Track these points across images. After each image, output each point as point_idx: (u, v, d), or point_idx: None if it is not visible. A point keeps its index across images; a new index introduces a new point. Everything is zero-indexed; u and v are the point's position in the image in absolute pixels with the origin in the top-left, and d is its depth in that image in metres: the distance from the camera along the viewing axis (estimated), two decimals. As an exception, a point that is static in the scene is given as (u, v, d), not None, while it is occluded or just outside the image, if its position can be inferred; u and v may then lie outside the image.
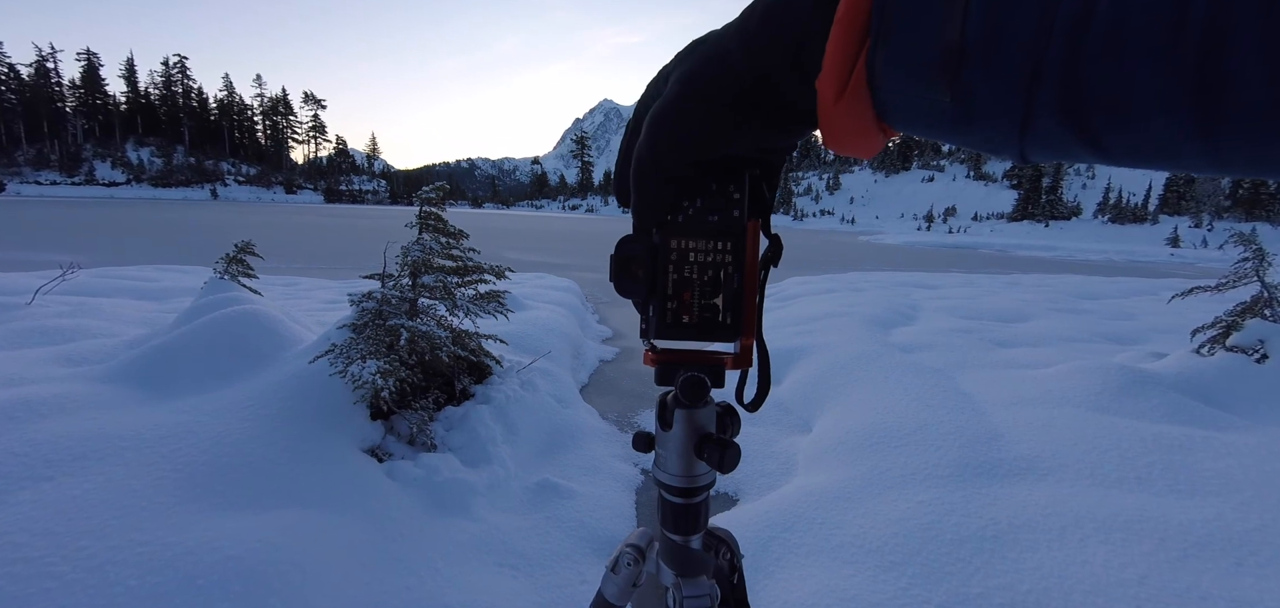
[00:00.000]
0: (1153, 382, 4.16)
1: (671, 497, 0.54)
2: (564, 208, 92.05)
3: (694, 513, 0.55)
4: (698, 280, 0.45)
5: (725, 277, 0.45)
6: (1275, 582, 2.20)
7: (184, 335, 3.45)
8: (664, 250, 0.45)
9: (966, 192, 62.52)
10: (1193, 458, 3.12)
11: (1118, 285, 12.59)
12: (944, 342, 6.10)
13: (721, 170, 0.43)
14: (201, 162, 72.91)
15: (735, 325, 0.45)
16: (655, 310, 0.45)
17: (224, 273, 4.78)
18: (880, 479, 3.04)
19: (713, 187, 0.44)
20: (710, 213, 0.44)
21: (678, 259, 0.45)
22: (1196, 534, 2.47)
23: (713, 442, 0.50)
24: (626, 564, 0.65)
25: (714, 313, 0.45)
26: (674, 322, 0.45)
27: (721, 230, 0.45)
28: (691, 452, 0.52)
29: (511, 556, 2.31)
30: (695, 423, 0.52)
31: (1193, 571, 2.27)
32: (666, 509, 0.56)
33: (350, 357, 2.96)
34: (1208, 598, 2.11)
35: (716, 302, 0.45)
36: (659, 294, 0.45)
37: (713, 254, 0.45)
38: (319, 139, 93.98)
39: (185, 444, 2.34)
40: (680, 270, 0.45)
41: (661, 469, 0.54)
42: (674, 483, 0.53)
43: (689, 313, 0.45)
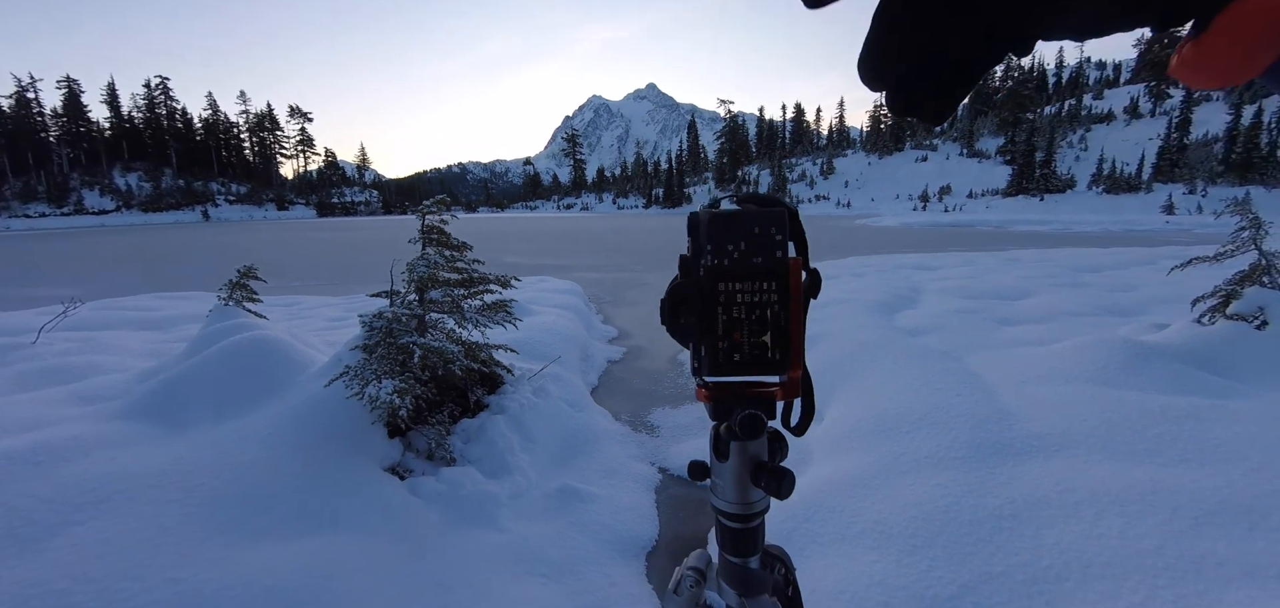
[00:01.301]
0: (1157, 353, 4.20)
1: (730, 522, 0.58)
2: (559, 207, 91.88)
3: (752, 536, 0.59)
4: (746, 320, 0.48)
5: (772, 315, 0.48)
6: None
7: (196, 366, 3.47)
8: (712, 293, 0.48)
9: (960, 169, 62.56)
10: (1200, 427, 3.16)
11: (1116, 257, 12.66)
12: (949, 323, 6.14)
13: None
14: (190, 183, 72.50)
15: (783, 360, 0.48)
16: (707, 350, 0.48)
17: (228, 299, 4.79)
18: (896, 464, 3.08)
19: (756, 229, 0.47)
20: (754, 255, 0.47)
21: (726, 301, 0.48)
22: (1208, 502, 2.51)
23: (768, 471, 0.53)
24: (688, 586, 0.68)
25: (763, 350, 0.48)
26: (726, 360, 0.48)
27: (766, 271, 0.47)
28: (747, 480, 0.55)
29: (541, 564, 2.34)
30: (750, 453, 0.55)
31: (1207, 538, 2.30)
32: (726, 534, 0.59)
33: (365, 378, 2.99)
34: (1224, 565, 2.15)
35: (765, 339, 0.48)
36: (710, 334, 0.48)
37: (759, 294, 0.47)
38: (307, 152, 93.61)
39: (210, 477, 2.36)
40: (729, 311, 0.48)
41: (719, 497, 0.57)
42: (732, 509, 0.57)
43: (740, 351, 0.48)
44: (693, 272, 0.49)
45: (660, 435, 3.87)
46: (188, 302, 8.60)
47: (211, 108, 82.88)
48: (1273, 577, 2.05)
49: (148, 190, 69.95)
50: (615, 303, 9.15)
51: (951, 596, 2.12)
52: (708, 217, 0.48)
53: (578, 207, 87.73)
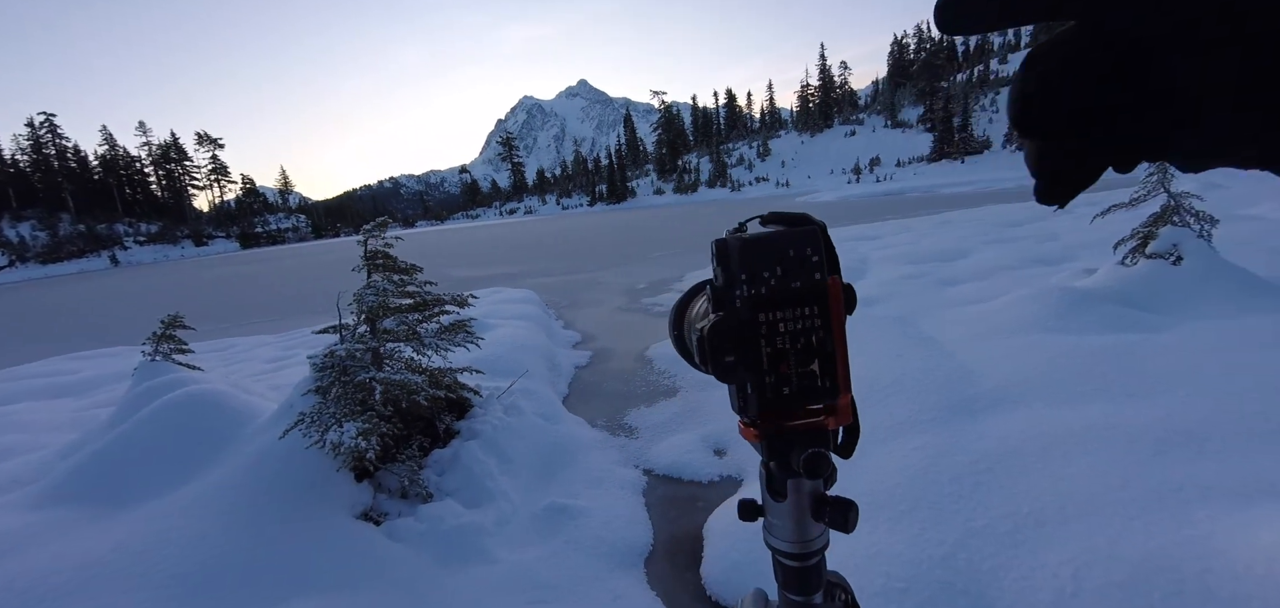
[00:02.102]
0: (1090, 297, 4.49)
1: (792, 561, 0.55)
2: (501, 213, 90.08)
3: (815, 572, 0.56)
4: (792, 349, 0.45)
5: (817, 341, 0.45)
6: (1229, 462, 2.42)
7: (127, 433, 3.17)
8: (754, 326, 0.44)
9: (887, 140, 65.34)
10: (1138, 362, 3.40)
11: (1036, 209, 13.50)
12: (899, 290, 6.37)
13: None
14: (93, 227, 66.75)
15: (833, 386, 0.45)
16: (754, 386, 0.45)
17: (155, 354, 4.41)
18: (874, 433, 3.16)
19: (790, 252, 0.44)
20: (792, 279, 0.44)
21: (768, 332, 0.45)
22: (1157, 432, 2.69)
23: (832, 504, 0.50)
24: None
25: (812, 379, 0.45)
26: (774, 394, 0.45)
27: (806, 295, 0.44)
28: (807, 517, 0.52)
29: (539, 589, 2.26)
30: (807, 489, 0.52)
31: (1163, 466, 2.46)
32: (788, 574, 0.56)
33: (324, 423, 2.80)
34: (1181, 489, 2.30)
35: (813, 367, 0.45)
36: (755, 370, 0.45)
37: (802, 320, 0.45)
38: (222, 181, 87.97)
39: (164, 556, 2.15)
40: (773, 343, 0.45)
41: (776, 537, 0.54)
42: (792, 549, 0.54)
43: (788, 383, 0.45)
44: (729, 303, 0.45)
45: (640, 437, 3.83)
46: (108, 359, 7.88)
47: (108, 142, 76.53)
48: (1224, 493, 2.21)
49: (44, 239, 63.95)
50: (574, 306, 9.03)
51: (944, 556, 2.18)
52: (738, 244, 0.45)
53: (521, 210, 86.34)
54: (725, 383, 0.47)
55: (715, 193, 64.58)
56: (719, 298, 0.46)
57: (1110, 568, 1.95)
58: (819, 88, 78.25)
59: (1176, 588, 1.79)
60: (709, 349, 0.44)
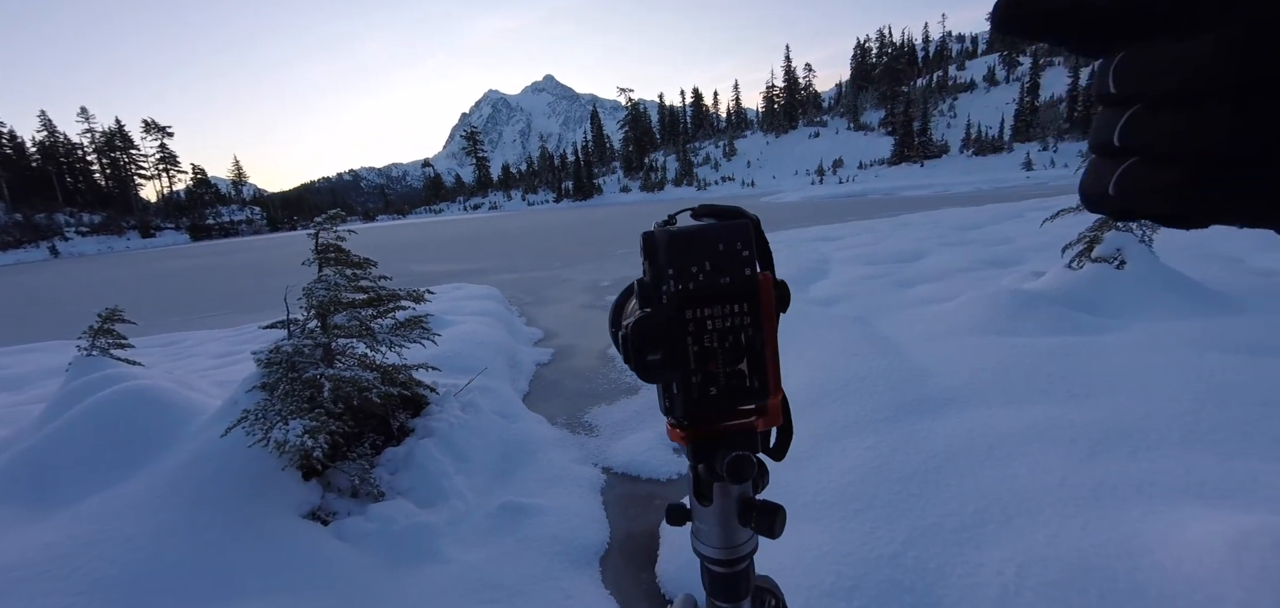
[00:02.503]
0: (1038, 299, 4.67)
1: (718, 567, 0.53)
2: (465, 208, 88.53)
3: (742, 579, 0.54)
4: (720, 347, 0.43)
5: (747, 339, 0.43)
6: (1164, 462, 2.53)
7: (58, 432, 2.99)
8: (681, 322, 0.42)
9: (849, 143, 66.77)
10: (1082, 363, 3.54)
11: (991, 212, 14.00)
12: (857, 290, 6.51)
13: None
14: (30, 217, 62.94)
15: (762, 386, 0.44)
16: (680, 387, 0.43)
17: (91, 348, 4.18)
18: (827, 433, 3.21)
19: (721, 246, 0.43)
20: (721, 275, 0.43)
21: (696, 329, 0.43)
22: (1097, 432, 2.80)
23: (759, 508, 0.48)
24: None
25: (741, 379, 0.43)
26: (701, 395, 0.43)
27: (736, 291, 0.43)
28: (734, 522, 0.51)
29: (491, 589, 2.22)
30: (735, 493, 0.51)
31: (1100, 465, 2.56)
32: (715, 580, 0.54)
33: (269, 421, 2.69)
34: (1116, 488, 2.39)
35: (741, 366, 0.43)
36: (682, 369, 0.43)
37: (731, 318, 0.43)
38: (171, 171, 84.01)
39: (92, 559, 2.03)
40: (700, 340, 0.43)
41: (703, 542, 0.53)
42: (719, 555, 0.52)
43: (715, 383, 0.43)
44: (655, 300, 0.43)
45: (599, 434, 3.81)
46: (41, 355, 7.44)
47: (47, 129, 72.28)
48: (1158, 492, 2.31)
49: (-26, 229, 60.02)
50: (538, 303, 8.94)
51: (893, 554, 2.22)
52: (666, 237, 0.43)
53: (485, 206, 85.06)
54: (650, 383, 0.45)
55: (681, 191, 64.96)
56: (645, 294, 0.44)
57: (1048, 567, 2.02)
58: (784, 89, 79.46)
59: (1109, 585, 1.86)
60: (631, 347, 0.42)
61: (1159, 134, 0.22)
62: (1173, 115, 0.22)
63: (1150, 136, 0.23)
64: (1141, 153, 0.23)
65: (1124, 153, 0.24)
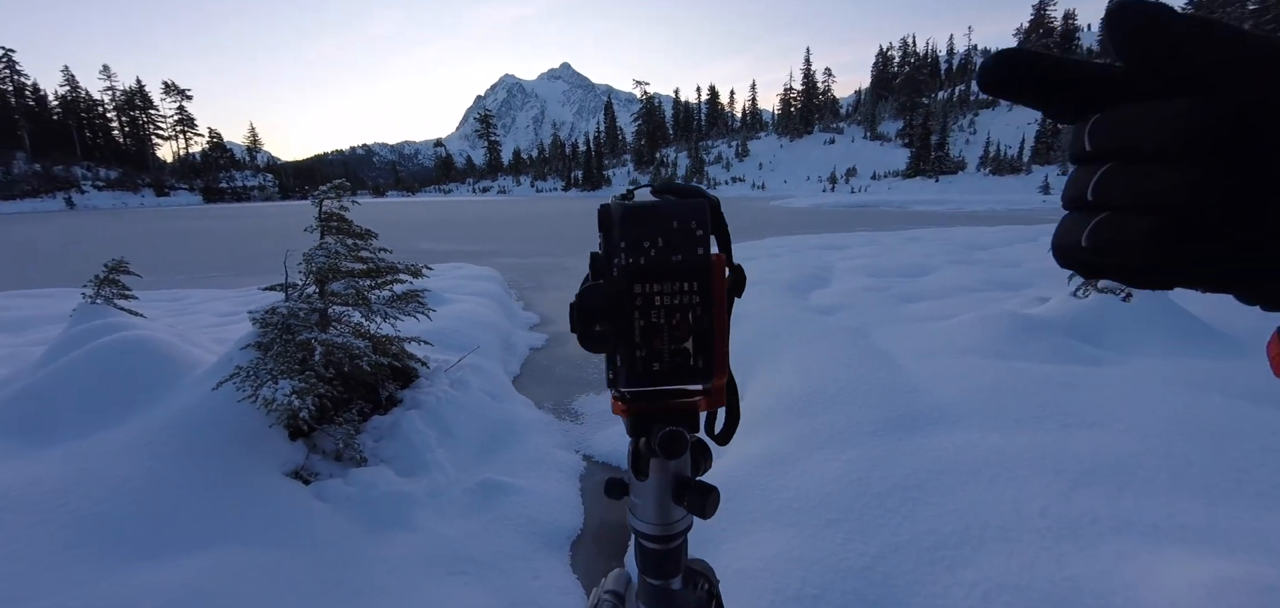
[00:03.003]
0: (1039, 325, 4.64)
1: (651, 544, 0.54)
2: (474, 190, 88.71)
3: (674, 557, 0.55)
4: (666, 324, 0.43)
5: (694, 318, 0.43)
6: (1150, 500, 2.51)
7: (57, 373, 3.04)
8: (629, 296, 0.43)
9: (864, 152, 66.30)
10: (1077, 394, 3.51)
11: (1002, 234, 13.89)
12: (857, 301, 6.49)
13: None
14: (49, 168, 63.56)
15: (707, 367, 0.44)
16: (624, 360, 0.43)
17: (95, 297, 4.23)
18: (811, 440, 3.21)
19: (675, 223, 0.42)
20: (673, 252, 0.43)
21: (644, 304, 0.43)
22: (1084, 464, 2.77)
23: (692, 488, 0.49)
24: None
25: (685, 357, 0.43)
26: (644, 370, 0.43)
27: (687, 269, 0.43)
28: (668, 500, 0.51)
29: (461, 562, 2.24)
30: (671, 470, 0.51)
31: (1084, 498, 2.54)
32: (647, 556, 0.55)
33: (259, 379, 2.73)
34: (1098, 521, 2.38)
35: (686, 345, 0.43)
36: (626, 343, 0.43)
37: (680, 296, 0.43)
38: (188, 133, 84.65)
39: (80, 496, 2.07)
40: (647, 316, 0.43)
41: (638, 518, 0.53)
42: (652, 531, 0.52)
43: (659, 359, 0.43)
44: (606, 272, 0.44)
45: (584, 422, 3.83)
46: (49, 300, 7.54)
47: (70, 84, 72.94)
48: (1140, 530, 2.29)
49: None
50: (537, 288, 8.96)
51: (863, 566, 2.23)
52: (621, 210, 0.43)
53: (494, 190, 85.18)
54: (593, 352, 0.45)
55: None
56: (597, 266, 0.44)
57: (1018, 596, 2.02)
58: (802, 93, 78.84)
59: (1079, 621, 1.85)
60: (577, 315, 0.42)
61: (1132, 188, 0.23)
62: (1146, 170, 0.22)
63: (1123, 191, 0.23)
64: (1114, 207, 0.24)
65: (1097, 208, 0.24)
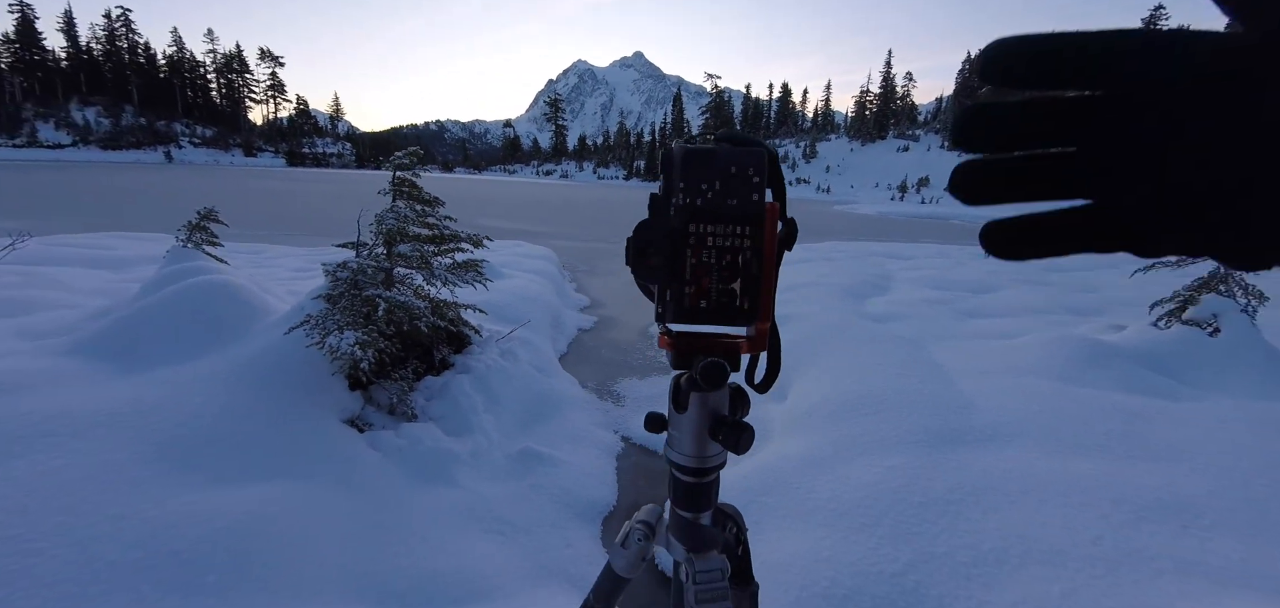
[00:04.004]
0: (1112, 353, 4.35)
1: (684, 476, 0.56)
2: (537, 173, 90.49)
3: (705, 491, 0.57)
4: (716, 265, 0.45)
5: (743, 262, 0.45)
6: (1217, 543, 2.34)
7: (150, 307, 3.34)
8: (682, 234, 0.44)
9: (940, 162, 63.30)
10: (1147, 426, 3.29)
11: (1081, 259, 13.00)
12: (916, 312, 6.26)
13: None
14: (153, 122, 69.21)
15: (752, 310, 0.46)
16: (672, 295, 0.45)
17: (187, 241, 4.61)
18: (853, 445, 3.15)
19: (733, 169, 0.44)
20: (729, 197, 0.44)
21: (696, 243, 0.44)
22: (1147, 498, 2.61)
23: (728, 425, 0.51)
24: (637, 540, 0.67)
25: (732, 298, 0.45)
26: (691, 307, 0.45)
27: (741, 215, 0.44)
28: (705, 433, 0.53)
29: (497, 522, 2.34)
30: (709, 406, 0.53)
31: (1143, 533, 2.40)
32: (679, 488, 0.57)
33: (327, 328, 2.92)
34: (1156, 559, 2.24)
35: (734, 286, 0.45)
36: (676, 279, 0.45)
37: (732, 239, 0.44)
38: (278, 99, 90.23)
39: (160, 418, 2.29)
40: (698, 255, 0.44)
41: (674, 449, 0.55)
42: (687, 463, 0.55)
43: (706, 298, 0.45)
44: (663, 211, 0.46)
45: (625, 405, 3.89)
46: (146, 243, 8.27)
47: (176, 45, 79.03)
48: (1199, 573, 2.15)
49: (107, 127, 66.68)
50: (590, 272, 9.10)
51: (895, 573, 2.18)
52: (682, 152, 0.44)
53: (557, 174, 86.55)
54: (646, 282, 0.48)
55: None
56: (656, 205, 0.46)
57: (1058, 618, 1.94)
58: (879, 96, 75.92)
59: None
60: (633, 247, 0.45)
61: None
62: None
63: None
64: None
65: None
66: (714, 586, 0.55)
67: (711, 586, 0.55)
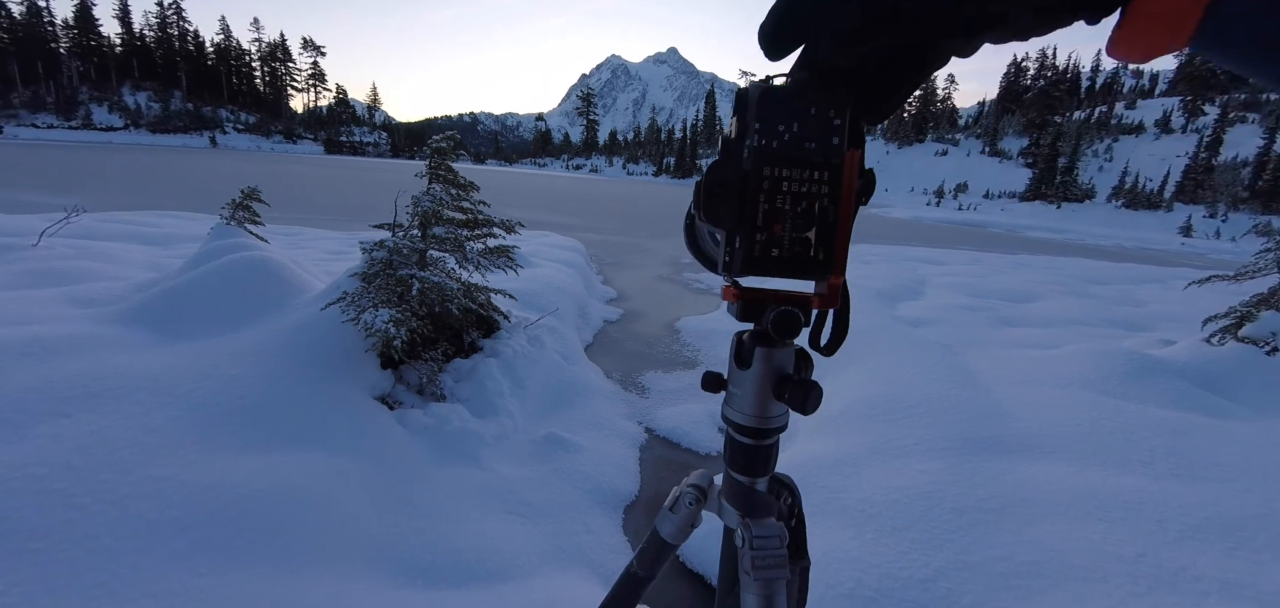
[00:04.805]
0: (1160, 368, 4.16)
1: (743, 438, 0.53)
2: (568, 167, 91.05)
3: (764, 455, 0.54)
4: (790, 212, 0.42)
5: (820, 209, 0.42)
6: (1268, 566, 2.22)
7: (193, 280, 3.45)
8: (756, 178, 0.41)
9: (980, 168, 61.56)
10: (1196, 443, 3.14)
11: (1127, 271, 12.53)
12: (951, 318, 6.10)
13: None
14: (199, 108, 71.86)
15: (827, 262, 0.42)
16: (742, 243, 0.42)
17: (231, 219, 4.76)
18: (884, 448, 3.07)
19: (813, 111, 0.40)
20: (807, 139, 0.41)
21: (770, 188, 0.41)
22: (1194, 517, 2.49)
23: (794, 382, 0.48)
24: (687, 504, 0.64)
25: (805, 247, 0.42)
26: (762, 256, 0.42)
27: (819, 159, 0.41)
28: (768, 392, 0.50)
29: (519, 504, 2.35)
30: (775, 362, 0.50)
31: (1189, 552, 2.29)
32: (737, 450, 0.54)
33: (362, 305, 2.97)
34: (1201, 579, 2.14)
35: (809, 235, 0.42)
36: (747, 225, 0.42)
37: (808, 184, 0.41)
38: (319, 88, 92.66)
39: (200, 385, 2.36)
40: (772, 200, 0.41)
41: (734, 409, 0.52)
42: (747, 423, 0.52)
43: (779, 246, 0.42)
44: (736, 154, 0.42)
45: (649, 397, 3.87)
46: (191, 222, 8.58)
47: (224, 33, 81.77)
48: (1248, 596, 2.04)
49: (156, 111, 69.44)
50: (617, 266, 9.10)
51: (924, 579, 2.12)
52: (759, 91, 0.41)
53: (587, 168, 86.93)
54: (714, 227, 0.45)
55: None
56: (728, 147, 0.43)
57: (1097, 634, 1.86)
58: (918, 98, 74.19)
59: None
60: (701, 189, 0.42)
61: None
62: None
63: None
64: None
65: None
66: (772, 553, 0.52)
67: (769, 553, 0.52)
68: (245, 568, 1.70)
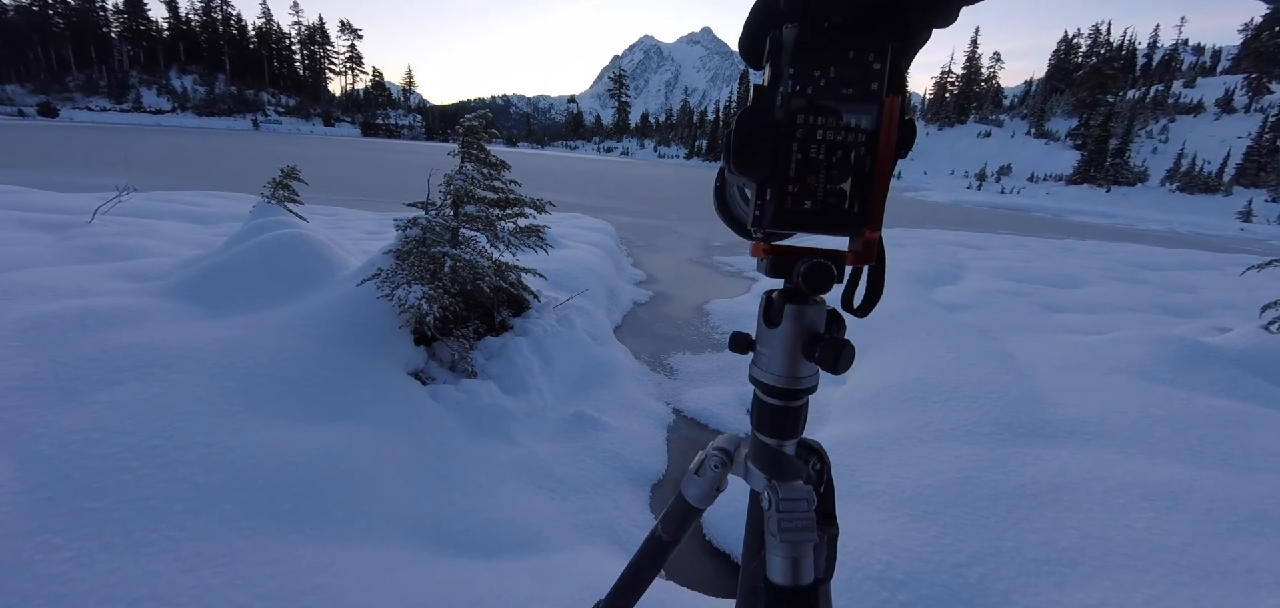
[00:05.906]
0: (1214, 355, 3.96)
1: (771, 399, 0.51)
2: (599, 149, 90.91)
3: (793, 416, 0.52)
4: (825, 162, 0.40)
5: (856, 159, 0.39)
6: (1331, 561, 2.11)
7: (236, 256, 3.57)
8: (789, 126, 0.39)
9: (1025, 149, 59.07)
10: (1249, 433, 2.99)
11: (1179, 257, 11.92)
12: (991, 303, 5.92)
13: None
14: (242, 91, 74.05)
15: (863, 214, 0.40)
16: (774, 194, 0.41)
17: (271, 198, 4.90)
18: (919, 432, 3.01)
19: (851, 54, 0.38)
20: (844, 85, 0.38)
21: (804, 137, 0.39)
22: (1245, 510, 2.38)
23: (825, 341, 0.46)
24: (712, 467, 0.63)
25: (841, 199, 0.40)
26: (794, 208, 0.40)
27: (857, 107, 0.39)
28: (798, 352, 0.48)
29: (548, 479, 2.38)
30: (805, 321, 0.48)
31: (1240, 544, 2.20)
32: (764, 411, 0.53)
33: (396, 282, 3.03)
34: (1254, 572, 2.05)
35: (844, 187, 0.40)
36: (779, 176, 0.40)
37: (845, 134, 0.39)
38: (356, 70, 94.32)
39: (243, 357, 2.45)
40: (806, 150, 0.39)
41: (763, 369, 0.51)
42: (776, 384, 0.50)
43: (812, 198, 0.40)
44: (769, 102, 0.40)
45: (677, 378, 3.87)
46: (235, 202, 8.88)
47: (265, 17, 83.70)
48: (1308, 591, 1.94)
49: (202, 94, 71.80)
50: (647, 248, 9.08)
51: (958, 564, 2.08)
52: (794, 34, 0.39)
53: (618, 151, 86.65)
54: (744, 179, 0.43)
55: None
56: (761, 95, 0.41)
57: (1140, 626, 1.79)
58: (961, 77, 71.40)
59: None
60: (731, 136, 0.40)
61: None
62: None
63: None
64: None
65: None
66: (799, 515, 0.51)
67: (797, 515, 0.51)
68: (289, 532, 1.76)
